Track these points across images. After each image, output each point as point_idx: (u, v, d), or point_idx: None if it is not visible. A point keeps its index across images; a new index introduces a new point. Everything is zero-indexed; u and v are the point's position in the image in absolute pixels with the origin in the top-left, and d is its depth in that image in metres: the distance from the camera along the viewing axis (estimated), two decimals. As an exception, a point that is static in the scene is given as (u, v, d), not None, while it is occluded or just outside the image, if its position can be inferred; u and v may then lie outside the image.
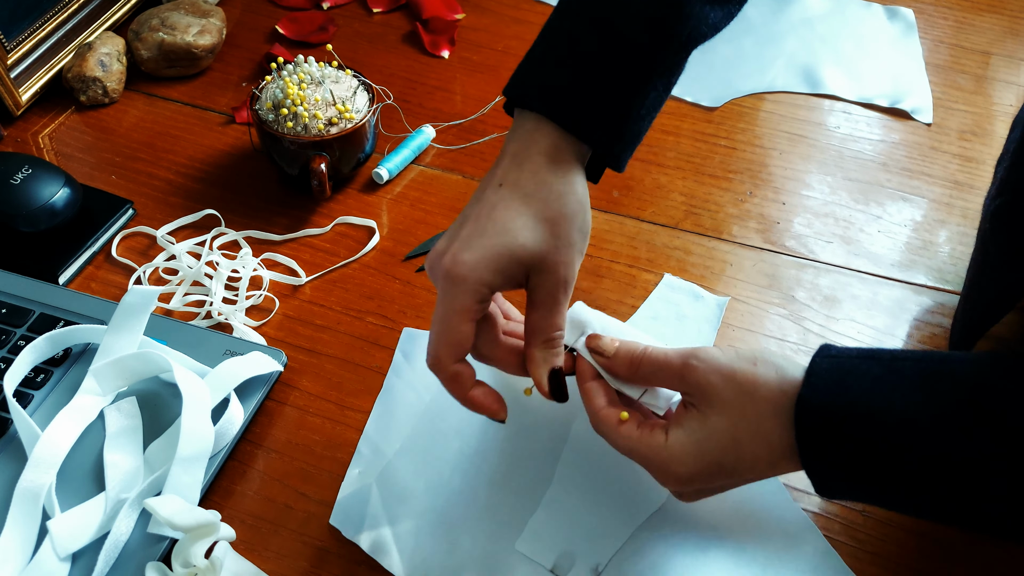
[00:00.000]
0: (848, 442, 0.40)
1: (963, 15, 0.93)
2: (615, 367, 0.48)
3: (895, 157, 0.78)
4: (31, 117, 0.80)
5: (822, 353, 0.43)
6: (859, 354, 0.42)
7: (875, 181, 0.75)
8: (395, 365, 0.61)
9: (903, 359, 0.41)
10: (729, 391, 0.43)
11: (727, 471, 0.43)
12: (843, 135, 0.80)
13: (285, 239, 0.70)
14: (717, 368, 0.43)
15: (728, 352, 0.44)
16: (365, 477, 0.55)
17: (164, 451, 0.53)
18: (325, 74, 0.70)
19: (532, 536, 0.52)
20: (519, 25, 0.91)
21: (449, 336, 0.45)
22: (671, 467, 0.44)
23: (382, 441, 0.57)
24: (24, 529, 0.49)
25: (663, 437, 0.44)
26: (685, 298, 0.65)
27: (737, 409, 0.42)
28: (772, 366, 0.43)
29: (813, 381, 0.42)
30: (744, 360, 0.43)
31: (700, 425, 0.43)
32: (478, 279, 0.44)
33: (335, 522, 0.53)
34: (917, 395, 0.40)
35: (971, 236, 0.71)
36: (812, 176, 0.76)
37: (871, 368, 0.41)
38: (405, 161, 0.75)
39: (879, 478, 0.41)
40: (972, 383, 0.40)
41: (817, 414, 0.41)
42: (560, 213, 0.45)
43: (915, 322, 0.65)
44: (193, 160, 0.76)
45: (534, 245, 0.45)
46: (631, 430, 0.45)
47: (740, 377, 0.43)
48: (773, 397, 0.42)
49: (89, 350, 0.59)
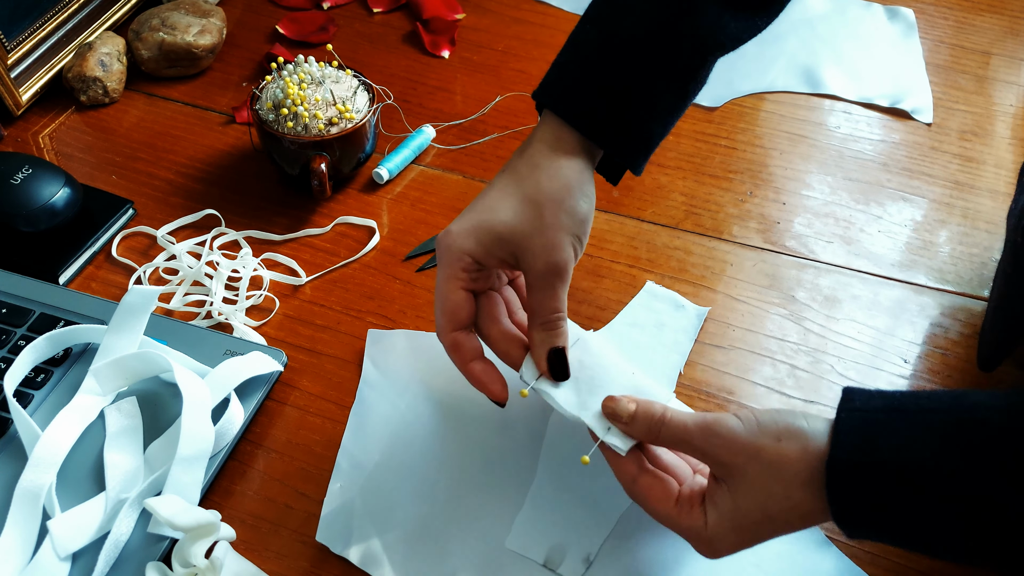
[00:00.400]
0: (881, 500, 0.40)
1: (963, 15, 0.93)
2: (633, 432, 0.47)
3: (895, 157, 0.78)
4: (31, 117, 0.80)
5: (847, 406, 0.42)
6: (884, 406, 0.42)
7: (875, 181, 0.75)
8: (365, 374, 0.60)
9: (930, 411, 0.41)
10: (755, 471, 0.42)
11: (764, 539, 0.44)
12: (843, 135, 0.80)
13: (285, 239, 0.70)
14: (741, 448, 0.43)
15: (750, 424, 0.43)
16: (347, 491, 0.54)
17: (164, 451, 0.53)
18: (325, 74, 0.70)
19: (521, 533, 0.52)
20: (519, 25, 0.91)
21: (443, 303, 0.49)
22: (715, 547, 0.44)
23: (360, 453, 0.56)
24: (24, 529, 0.49)
25: (702, 517, 0.44)
26: (666, 307, 0.65)
27: (765, 490, 0.42)
28: (796, 439, 0.42)
29: (841, 440, 0.41)
30: (767, 435, 0.43)
31: (733, 506, 0.43)
32: (459, 247, 0.48)
33: (321, 539, 0.52)
34: (951, 448, 0.39)
35: (972, 236, 0.71)
36: (812, 176, 0.76)
37: (899, 424, 0.40)
38: (405, 161, 0.75)
39: (915, 528, 0.40)
40: (1008, 432, 0.38)
41: (847, 473, 0.40)
42: (545, 194, 0.48)
43: (915, 322, 0.64)
44: (193, 160, 0.76)
45: (514, 223, 0.48)
46: (671, 509, 0.46)
47: (765, 457, 0.42)
48: (800, 473, 0.42)
49: (89, 350, 0.59)
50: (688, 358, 0.62)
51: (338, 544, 0.52)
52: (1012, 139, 0.79)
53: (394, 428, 0.57)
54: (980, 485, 0.38)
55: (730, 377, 0.61)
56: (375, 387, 0.59)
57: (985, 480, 0.38)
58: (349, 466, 0.55)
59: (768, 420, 0.43)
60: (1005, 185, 0.75)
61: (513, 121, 0.80)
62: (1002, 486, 0.38)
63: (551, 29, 0.91)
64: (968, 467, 0.38)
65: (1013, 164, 0.77)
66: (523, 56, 0.87)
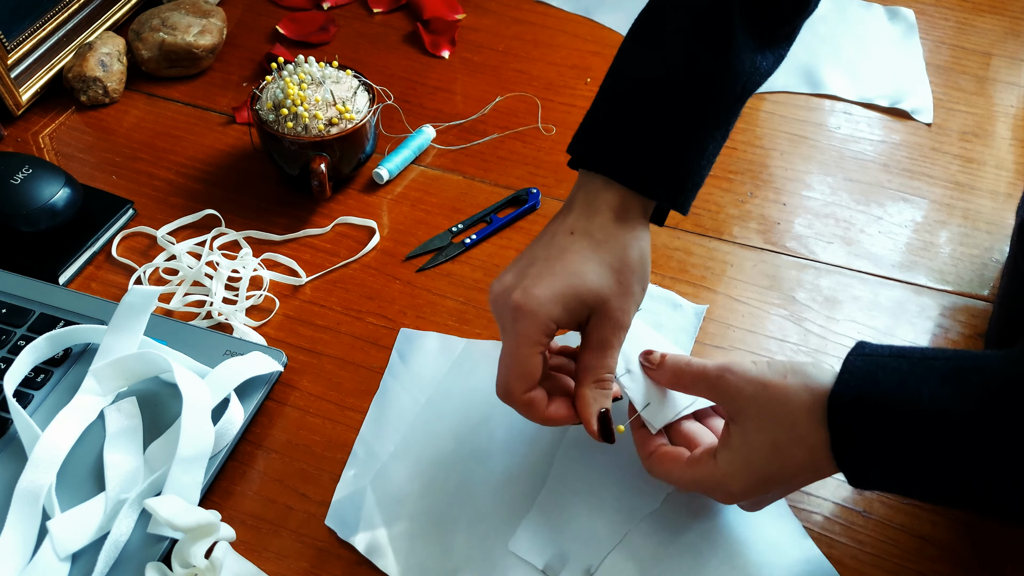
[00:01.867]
0: (879, 432, 0.42)
1: (964, 16, 0.93)
2: (661, 377, 0.51)
3: (896, 158, 0.78)
4: (31, 117, 0.80)
5: (857, 351, 0.45)
6: (891, 352, 0.44)
7: (876, 182, 0.75)
8: (391, 366, 0.61)
9: (933, 357, 0.43)
10: (762, 400, 0.45)
11: (776, 479, 0.46)
12: (844, 136, 0.80)
13: (285, 239, 0.70)
14: (749, 380, 0.46)
15: (760, 365, 0.46)
16: (360, 479, 0.55)
17: (164, 451, 0.53)
18: (326, 74, 0.70)
19: (525, 536, 0.52)
20: (519, 25, 0.91)
21: (520, 367, 0.48)
22: (727, 486, 0.47)
23: (377, 443, 0.57)
24: (24, 529, 0.49)
25: (712, 462, 0.47)
26: (663, 307, 0.65)
27: (771, 418, 0.45)
28: (801, 375, 0.45)
29: (845, 378, 0.43)
30: (775, 372, 0.46)
31: (743, 441, 0.46)
32: (547, 314, 0.47)
33: (330, 523, 0.53)
34: (947, 387, 0.41)
35: (972, 237, 0.71)
36: (813, 177, 0.76)
37: (901, 364, 0.43)
38: (405, 161, 0.75)
39: (911, 467, 0.42)
40: (1004, 374, 0.40)
41: (848, 407, 0.42)
42: (626, 263, 0.49)
43: (915, 323, 0.64)
44: (193, 160, 0.76)
45: (599, 288, 0.48)
46: (683, 467, 0.48)
47: (771, 389, 0.45)
48: (804, 402, 0.44)
49: (89, 350, 0.59)
50: (688, 359, 0.62)
51: (345, 530, 0.52)
52: (1012, 140, 0.79)
53: (412, 422, 0.57)
54: (974, 423, 0.40)
55: (730, 378, 0.61)
56: (399, 379, 0.60)
57: (979, 418, 0.40)
58: (365, 454, 0.56)
59: (776, 362, 0.47)
60: (1006, 186, 0.75)
61: (513, 121, 0.80)
62: (996, 424, 0.39)
63: (551, 29, 0.91)
64: (963, 404, 0.40)
65: (1013, 165, 0.77)
66: (523, 56, 0.87)
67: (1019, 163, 0.77)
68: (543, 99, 0.82)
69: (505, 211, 0.72)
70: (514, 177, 0.75)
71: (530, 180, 0.75)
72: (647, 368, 0.52)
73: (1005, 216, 0.72)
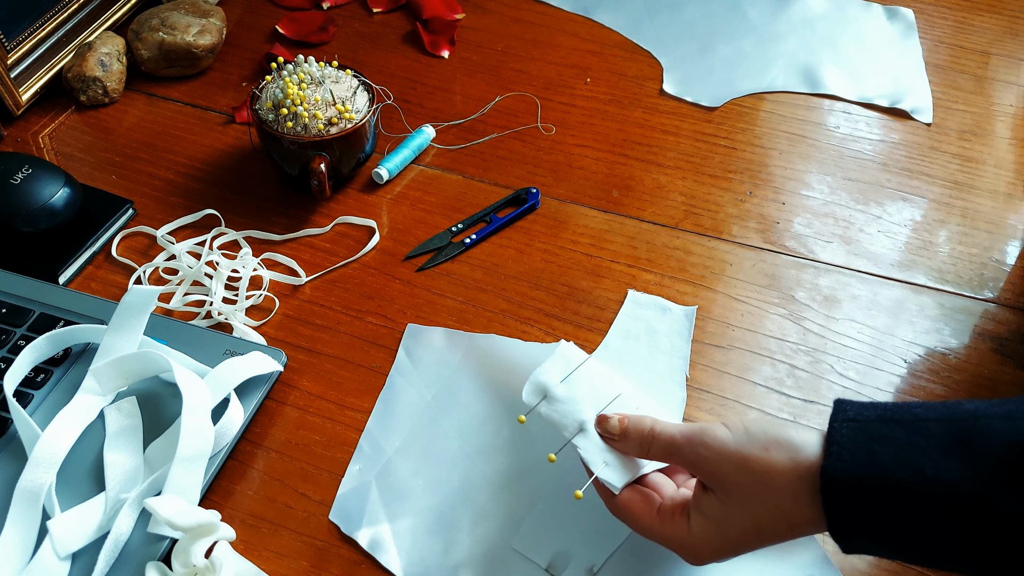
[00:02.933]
0: (880, 512, 0.39)
1: (963, 15, 0.93)
2: (626, 449, 0.48)
3: (895, 157, 0.78)
4: (31, 117, 0.80)
5: (840, 415, 0.42)
6: (878, 416, 0.41)
7: (875, 181, 0.75)
8: (398, 362, 0.61)
9: (927, 419, 0.40)
10: (744, 480, 0.42)
11: (750, 549, 0.43)
12: (843, 135, 0.80)
13: (285, 239, 0.70)
14: (727, 455, 0.43)
15: (737, 432, 0.43)
16: (365, 474, 0.55)
17: (164, 451, 0.53)
18: (325, 74, 0.70)
19: (529, 535, 0.52)
20: (519, 25, 0.91)
21: None
22: (697, 553, 0.44)
23: (383, 438, 0.57)
24: (24, 529, 0.49)
25: (685, 524, 0.44)
26: (653, 313, 0.64)
27: (755, 498, 0.42)
28: (784, 447, 0.42)
29: (836, 451, 0.40)
30: (755, 444, 0.42)
31: (721, 513, 0.43)
32: None
33: (334, 518, 0.53)
34: (949, 458, 0.38)
35: (971, 236, 0.71)
36: (812, 176, 0.76)
37: (895, 432, 0.40)
38: (405, 161, 0.75)
39: (913, 540, 0.40)
40: (1009, 439, 0.38)
41: (844, 487, 0.40)
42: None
43: (915, 322, 0.65)
44: (193, 160, 0.76)
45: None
46: (653, 520, 0.46)
47: (753, 465, 0.42)
48: (790, 483, 0.41)
49: (89, 350, 0.59)
50: (688, 359, 0.62)
51: (349, 525, 0.52)
52: (1012, 139, 0.79)
53: (418, 418, 0.58)
54: (982, 494, 0.37)
55: (730, 377, 0.61)
56: (406, 375, 0.60)
57: (987, 488, 0.37)
58: (370, 449, 0.56)
59: (756, 430, 0.43)
60: (1005, 185, 0.75)
61: (513, 121, 0.80)
62: (1005, 494, 0.37)
63: (551, 29, 0.91)
64: (972, 477, 0.37)
65: (1012, 164, 0.77)
66: (523, 56, 0.88)
67: (1018, 162, 0.77)
68: (542, 99, 0.82)
69: (505, 211, 0.72)
70: (513, 177, 0.75)
71: (529, 180, 0.75)
72: (608, 439, 0.48)
73: (1004, 215, 0.72)
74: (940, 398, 0.60)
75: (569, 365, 0.53)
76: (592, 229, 0.71)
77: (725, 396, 0.60)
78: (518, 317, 0.64)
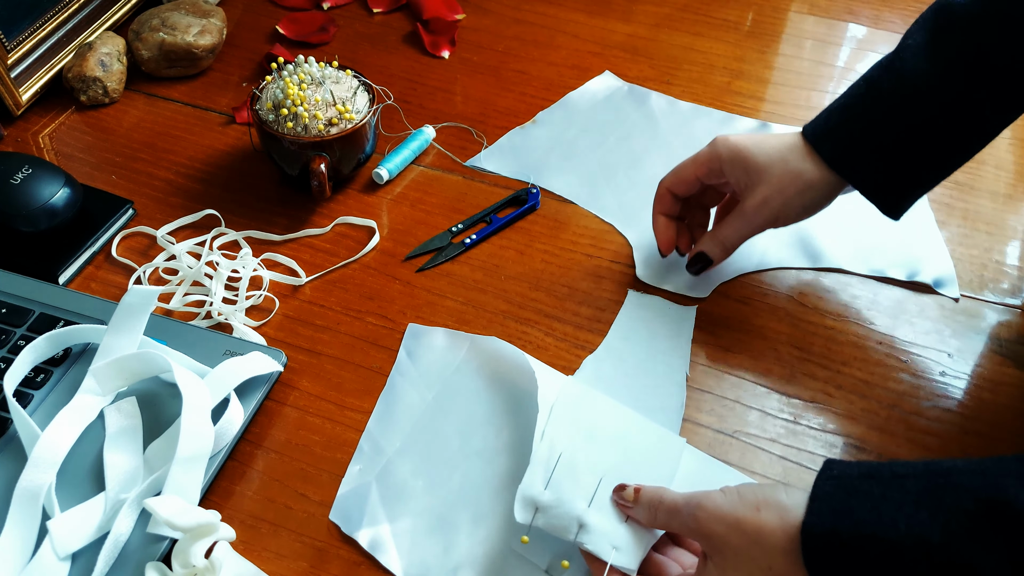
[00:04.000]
0: (857, 564, 0.40)
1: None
2: (637, 515, 0.49)
3: (895, 158, 0.77)
4: (31, 117, 0.80)
5: (826, 473, 0.44)
6: (860, 473, 0.43)
7: (875, 182, 0.75)
8: (399, 363, 0.61)
9: (904, 476, 0.42)
10: (736, 539, 0.44)
11: None
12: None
13: (285, 239, 0.70)
14: (721, 517, 0.45)
15: (731, 495, 0.45)
16: (365, 474, 0.55)
17: (164, 451, 0.53)
18: (325, 74, 0.70)
19: (530, 536, 0.52)
20: (519, 25, 0.91)
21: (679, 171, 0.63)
22: None
23: (383, 439, 0.57)
24: (24, 529, 0.49)
25: None
26: (652, 313, 0.64)
27: (747, 559, 0.44)
28: (774, 507, 0.44)
29: (817, 507, 0.42)
30: (747, 506, 0.44)
31: None
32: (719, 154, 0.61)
33: (334, 518, 0.53)
34: (923, 512, 0.40)
35: (971, 237, 0.71)
36: (812, 177, 0.76)
37: (872, 488, 0.42)
38: (405, 161, 0.75)
39: None
40: (979, 494, 0.39)
41: (823, 540, 0.41)
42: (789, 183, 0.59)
43: (915, 323, 0.65)
44: (193, 160, 0.76)
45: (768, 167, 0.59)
46: None
47: (745, 526, 0.44)
48: (779, 542, 0.43)
49: (89, 350, 0.59)
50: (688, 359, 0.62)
51: (349, 525, 0.52)
52: (1012, 139, 0.79)
53: (418, 419, 0.58)
54: (954, 549, 0.38)
55: (730, 377, 0.61)
56: (406, 376, 0.60)
57: (959, 544, 0.38)
58: (371, 450, 0.56)
59: (748, 492, 0.45)
60: (1005, 186, 0.75)
61: (513, 121, 0.80)
62: (972, 547, 0.38)
63: (551, 29, 0.91)
64: (942, 531, 0.39)
65: (1013, 165, 0.77)
66: (523, 56, 0.88)
67: (1019, 163, 0.77)
68: (543, 99, 0.82)
69: (505, 211, 0.72)
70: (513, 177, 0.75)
71: (530, 180, 0.75)
72: (622, 506, 0.50)
73: (1005, 216, 0.72)
74: (940, 398, 0.60)
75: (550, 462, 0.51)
76: (592, 230, 0.71)
77: (725, 396, 0.60)
78: (518, 318, 0.64)
